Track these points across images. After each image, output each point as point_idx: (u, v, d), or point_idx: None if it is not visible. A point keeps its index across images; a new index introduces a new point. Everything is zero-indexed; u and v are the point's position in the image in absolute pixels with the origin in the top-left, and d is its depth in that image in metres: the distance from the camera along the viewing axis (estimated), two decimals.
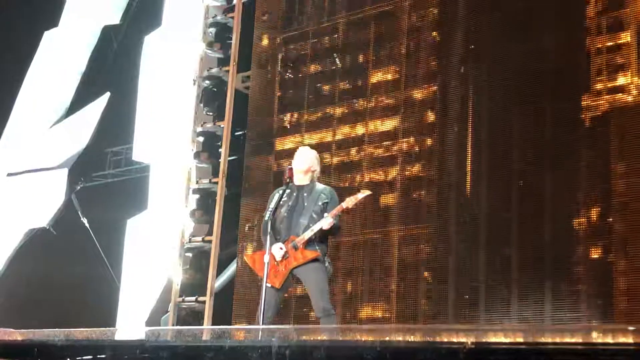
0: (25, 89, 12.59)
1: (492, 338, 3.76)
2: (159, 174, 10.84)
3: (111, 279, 11.05)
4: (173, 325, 9.77)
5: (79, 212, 11.82)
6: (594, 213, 7.67)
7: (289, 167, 6.45)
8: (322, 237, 6.34)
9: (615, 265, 7.47)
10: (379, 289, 8.85)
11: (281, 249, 6.25)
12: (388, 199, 8.94)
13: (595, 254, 7.63)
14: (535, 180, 8.03)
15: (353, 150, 9.39)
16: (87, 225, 11.69)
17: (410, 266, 8.62)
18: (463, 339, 3.47)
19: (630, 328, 3.45)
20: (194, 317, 9.87)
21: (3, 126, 12.54)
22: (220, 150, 10.29)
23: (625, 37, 7.83)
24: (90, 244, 11.52)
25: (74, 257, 11.45)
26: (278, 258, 6.24)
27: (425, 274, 8.60)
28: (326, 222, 6.23)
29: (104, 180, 12.59)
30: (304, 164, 6.48)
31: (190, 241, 10.17)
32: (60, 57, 12.46)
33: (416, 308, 8.48)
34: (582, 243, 7.69)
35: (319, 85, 9.86)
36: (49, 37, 12.63)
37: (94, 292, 11.12)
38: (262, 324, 6.03)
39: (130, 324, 10.16)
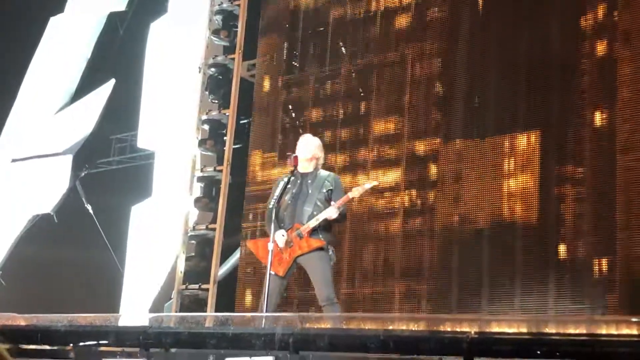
0: (31, 75, 12.57)
1: (496, 328, 3.76)
2: (164, 161, 10.82)
3: (115, 265, 11.06)
4: (176, 312, 9.77)
5: (83, 199, 11.82)
6: None
7: (294, 155, 6.45)
8: (326, 225, 6.34)
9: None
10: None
11: (283, 236, 6.26)
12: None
13: None
14: None
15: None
16: (91, 211, 11.70)
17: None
18: (466, 329, 3.47)
19: (634, 319, 3.44)
20: (197, 304, 9.87)
21: (8, 112, 12.53)
22: (225, 138, 10.28)
23: None
24: (94, 231, 11.53)
25: (78, 243, 11.45)
26: (281, 245, 6.24)
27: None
28: (332, 213, 6.24)
29: (109, 167, 12.56)
30: (308, 152, 6.48)
31: (194, 229, 10.16)
32: (65, 43, 12.43)
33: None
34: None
35: None
36: (54, 23, 12.60)
37: (97, 278, 11.13)
38: (266, 311, 6.04)
39: (134, 310, 10.17)
